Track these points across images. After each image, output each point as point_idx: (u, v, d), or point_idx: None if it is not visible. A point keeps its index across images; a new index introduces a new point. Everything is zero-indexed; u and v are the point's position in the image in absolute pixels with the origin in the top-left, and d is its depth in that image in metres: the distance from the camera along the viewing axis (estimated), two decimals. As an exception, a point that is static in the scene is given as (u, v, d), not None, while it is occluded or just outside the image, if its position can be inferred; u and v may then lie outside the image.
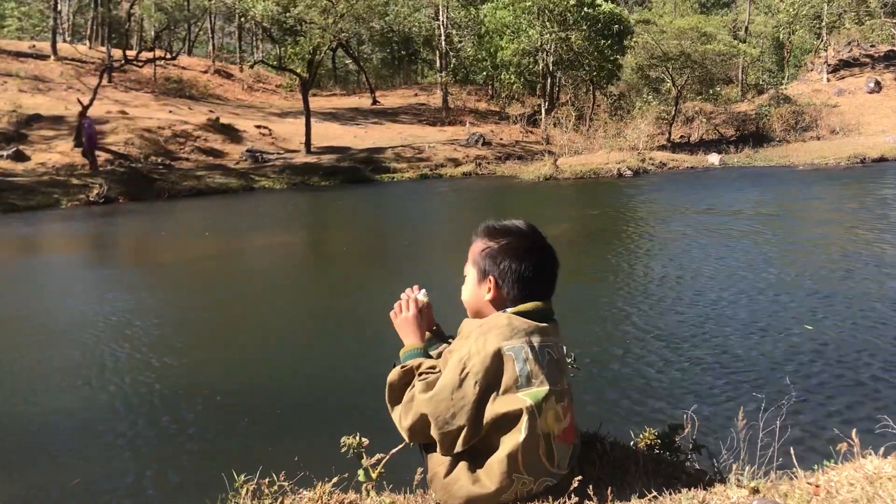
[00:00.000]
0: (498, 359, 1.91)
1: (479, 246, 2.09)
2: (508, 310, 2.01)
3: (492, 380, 1.91)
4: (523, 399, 1.89)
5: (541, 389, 1.91)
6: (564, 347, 2.11)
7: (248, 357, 7.39)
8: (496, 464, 1.91)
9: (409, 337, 2.22)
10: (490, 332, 1.95)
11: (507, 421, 1.90)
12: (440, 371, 2.01)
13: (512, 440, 1.90)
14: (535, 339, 1.96)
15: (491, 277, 2.05)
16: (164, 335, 8.10)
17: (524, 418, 1.89)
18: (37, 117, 26.82)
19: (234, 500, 2.29)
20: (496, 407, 1.90)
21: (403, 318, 2.25)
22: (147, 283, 11.27)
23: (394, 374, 2.08)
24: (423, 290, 2.30)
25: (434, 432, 1.95)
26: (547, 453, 1.92)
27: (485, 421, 1.91)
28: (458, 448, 1.95)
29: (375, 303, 9.37)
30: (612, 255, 12.31)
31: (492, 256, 2.04)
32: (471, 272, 2.11)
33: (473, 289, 2.11)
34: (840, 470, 2.14)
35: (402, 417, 2.02)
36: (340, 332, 8.19)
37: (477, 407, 1.91)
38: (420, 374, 2.04)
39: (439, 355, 2.11)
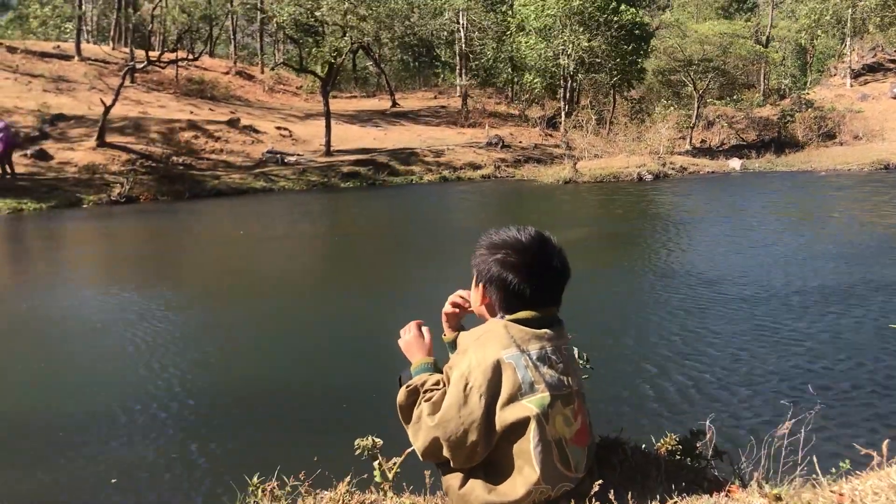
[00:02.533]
0: (498, 369, 1.90)
1: (477, 252, 2.09)
2: (507, 316, 2.01)
3: (495, 390, 1.90)
4: (529, 407, 1.89)
5: (545, 395, 1.90)
6: (576, 349, 2.09)
7: (268, 357, 7.42)
8: (511, 474, 1.91)
9: (415, 355, 2.22)
10: (488, 343, 1.95)
11: (516, 430, 1.89)
12: (444, 387, 2.01)
13: (523, 449, 1.89)
14: (534, 346, 1.95)
15: (482, 286, 2.05)
16: (189, 334, 8.16)
17: (532, 426, 1.87)
18: (60, 117, 27.12)
19: (253, 500, 2.30)
20: (504, 417, 1.89)
21: (405, 341, 2.26)
22: (175, 282, 11.34)
23: (401, 396, 2.08)
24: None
25: (447, 453, 1.94)
26: (561, 459, 1.91)
27: (496, 431, 1.91)
28: (474, 462, 1.95)
29: (397, 304, 9.40)
30: (634, 259, 12.25)
31: (486, 267, 2.04)
32: (474, 275, 2.12)
33: (473, 292, 2.14)
34: (864, 479, 2.10)
35: (414, 438, 2.03)
36: (361, 333, 8.20)
37: (486, 420, 1.90)
38: (425, 392, 2.04)
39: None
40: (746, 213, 16.98)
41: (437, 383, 2.04)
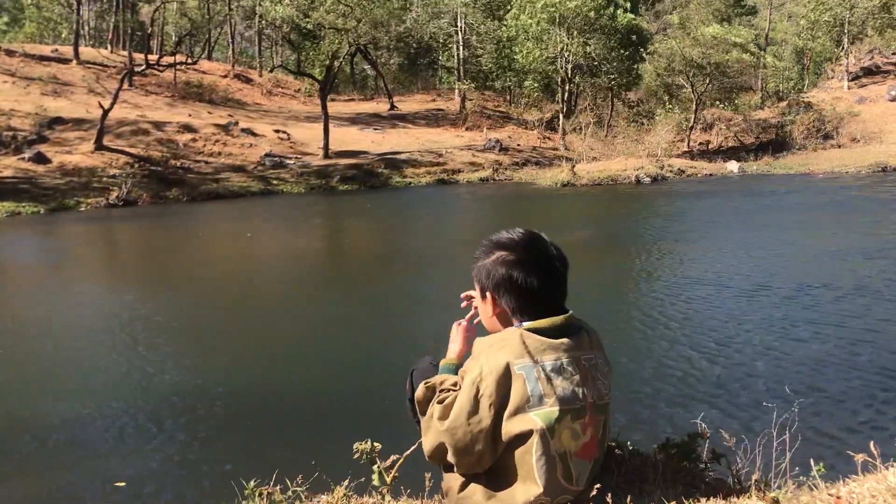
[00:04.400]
0: (509, 378, 1.88)
1: (476, 263, 2.08)
2: (524, 324, 1.96)
3: (504, 399, 1.88)
4: (534, 420, 1.86)
5: (552, 410, 1.87)
6: (600, 359, 2.04)
7: (268, 360, 7.42)
8: (512, 483, 1.90)
9: (449, 351, 2.22)
10: (501, 350, 1.92)
11: (520, 441, 1.87)
12: (458, 389, 2.00)
13: (526, 461, 1.88)
14: (550, 357, 1.91)
15: (489, 294, 2.03)
16: (188, 337, 8.15)
17: (535, 439, 1.85)
18: (58, 120, 27.11)
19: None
20: (509, 427, 1.87)
21: (454, 331, 2.25)
22: (175, 285, 11.33)
23: (419, 392, 2.06)
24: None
25: (453, 459, 1.93)
26: (564, 473, 1.88)
27: (501, 441, 1.89)
28: (479, 470, 1.94)
29: (397, 308, 9.41)
30: (629, 262, 12.25)
31: (487, 272, 2.01)
32: (477, 290, 2.10)
33: (480, 306, 2.10)
34: (862, 482, 2.10)
35: (424, 436, 2.02)
36: (360, 336, 8.20)
37: (494, 429, 1.88)
38: (440, 392, 2.03)
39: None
40: (743, 215, 16.98)
41: (455, 384, 2.03)
